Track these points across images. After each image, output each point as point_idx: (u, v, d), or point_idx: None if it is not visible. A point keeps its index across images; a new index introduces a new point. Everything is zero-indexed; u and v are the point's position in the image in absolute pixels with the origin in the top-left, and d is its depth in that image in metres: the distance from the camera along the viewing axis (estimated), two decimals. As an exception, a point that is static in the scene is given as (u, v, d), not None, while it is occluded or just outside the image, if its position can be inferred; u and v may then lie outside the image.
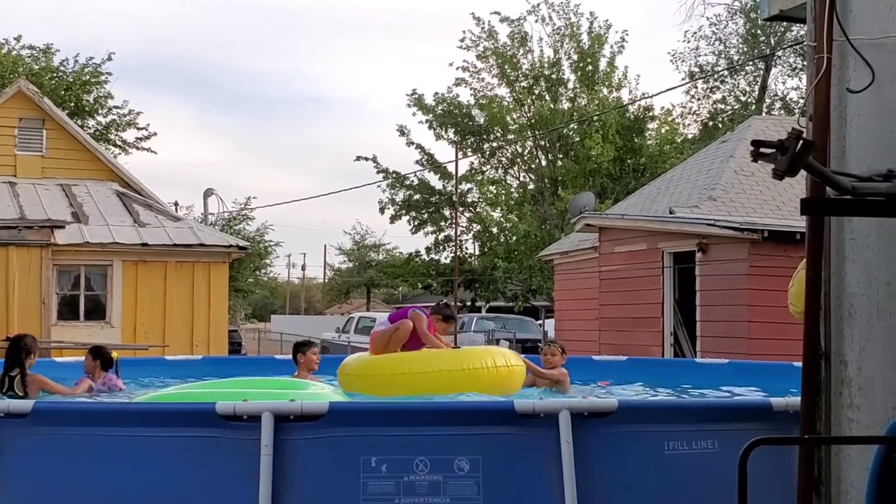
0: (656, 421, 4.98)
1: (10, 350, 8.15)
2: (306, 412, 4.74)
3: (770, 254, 15.71)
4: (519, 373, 8.56)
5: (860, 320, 3.83)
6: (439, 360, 8.37)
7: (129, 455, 4.75)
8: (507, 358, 8.53)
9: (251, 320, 78.08)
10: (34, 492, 4.77)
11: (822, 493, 3.98)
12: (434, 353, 8.63)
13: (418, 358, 8.48)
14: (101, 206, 20.51)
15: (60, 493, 4.74)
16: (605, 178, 37.48)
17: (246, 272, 44.79)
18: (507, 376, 8.32)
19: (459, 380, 8.02)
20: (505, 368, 8.31)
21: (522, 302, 40.96)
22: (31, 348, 8.16)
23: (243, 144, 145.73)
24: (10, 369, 8.02)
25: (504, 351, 9.01)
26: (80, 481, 4.74)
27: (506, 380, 8.30)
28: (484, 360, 8.26)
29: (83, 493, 4.72)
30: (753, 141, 2.85)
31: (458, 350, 8.94)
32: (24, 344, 8.14)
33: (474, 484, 4.66)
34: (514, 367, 8.48)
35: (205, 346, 18.80)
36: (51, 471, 4.78)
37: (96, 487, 4.72)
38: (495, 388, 8.00)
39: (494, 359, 8.33)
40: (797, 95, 41.07)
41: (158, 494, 4.69)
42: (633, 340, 18.52)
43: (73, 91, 34.78)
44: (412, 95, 41.22)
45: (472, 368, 8.15)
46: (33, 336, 8.59)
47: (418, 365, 8.30)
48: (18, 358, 8.04)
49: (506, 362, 8.38)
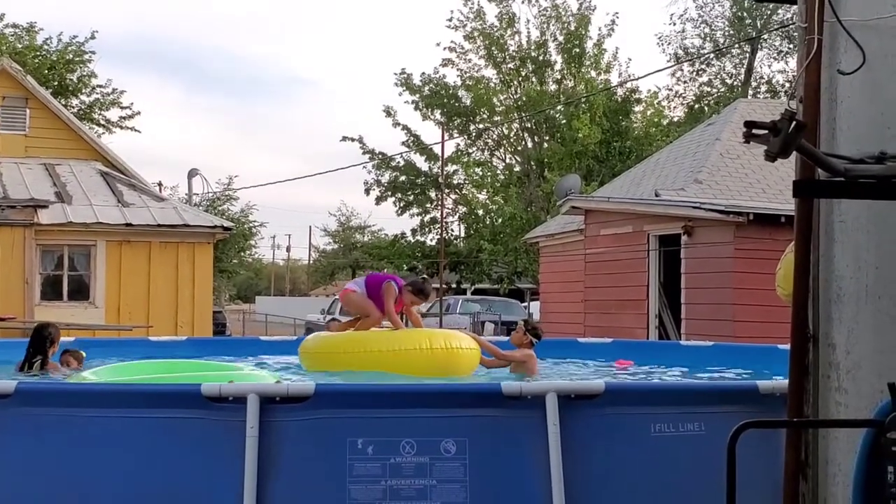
0: (643, 403, 4.97)
1: (34, 338, 8.26)
2: (292, 394, 4.72)
3: (755, 236, 15.76)
4: (467, 355, 8.42)
5: (848, 303, 3.82)
6: (376, 341, 8.43)
7: (113, 436, 4.72)
8: (452, 340, 8.40)
9: (236, 301, 77.99)
10: (18, 473, 4.73)
11: (810, 476, 3.98)
12: (374, 333, 8.74)
13: (363, 338, 8.56)
14: (85, 185, 20.39)
15: (44, 474, 4.70)
16: (592, 160, 37.49)
17: (230, 253, 44.62)
18: (445, 358, 8.20)
19: (392, 361, 8.03)
20: (442, 350, 8.21)
21: (508, 284, 41.02)
22: (54, 337, 8.25)
23: (228, 125, 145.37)
24: (32, 356, 8.09)
25: (455, 333, 8.86)
26: (63, 462, 4.70)
27: (446, 362, 8.19)
28: (422, 341, 8.22)
29: (67, 475, 4.68)
30: (746, 122, 2.83)
31: (401, 331, 8.84)
32: (48, 333, 8.22)
33: (461, 466, 4.65)
34: (457, 349, 8.33)
35: (189, 326, 18.75)
36: (34, 452, 4.74)
37: (80, 468, 4.69)
38: (433, 370, 7.94)
39: (433, 341, 8.26)
40: (783, 78, 41.16)
41: (143, 476, 4.66)
42: (618, 323, 18.56)
43: (57, 70, 34.47)
44: (400, 75, 41.09)
45: (406, 350, 8.14)
46: (56, 325, 8.59)
47: (361, 345, 8.37)
48: (42, 346, 8.15)
49: (446, 344, 8.26)
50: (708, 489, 4.08)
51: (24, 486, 4.70)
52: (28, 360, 8.13)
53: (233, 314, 49.81)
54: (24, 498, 4.67)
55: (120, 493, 4.63)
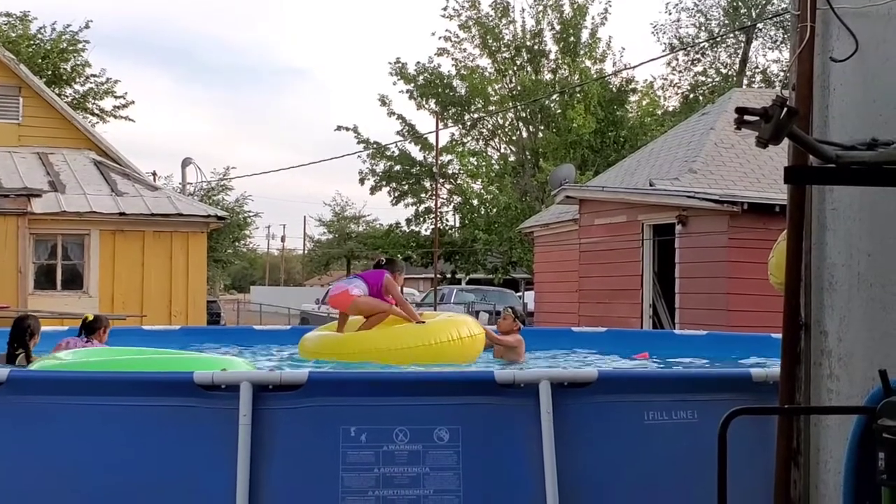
0: (636, 391, 4.98)
1: (14, 332, 8.21)
2: (285, 382, 4.72)
3: (749, 226, 15.76)
4: (480, 340, 8.93)
5: (841, 291, 3.83)
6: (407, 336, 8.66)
7: (105, 425, 4.72)
8: (470, 327, 8.86)
9: (230, 291, 77.95)
10: (8, 461, 4.72)
11: (801, 463, 3.99)
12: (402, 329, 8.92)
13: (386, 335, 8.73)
14: (79, 174, 20.34)
15: (35, 462, 4.70)
16: (586, 150, 37.45)
17: (225, 243, 44.59)
18: (470, 346, 8.73)
19: (426, 355, 8.33)
20: (469, 339, 8.71)
21: (502, 274, 41.00)
22: (34, 330, 8.19)
23: (223, 115, 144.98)
24: (14, 350, 8.07)
25: (466, 320, 9.25)
26: (55, 451, 4.70)
27: (469, 349, 8.70)
28: (450, 332, 8.59)
29: (59, 463, 4.68)
30: (737, 108, 2.82)
31: (424, 325, 9.05)
32: (27, 325, 8.16)
33: (454, 454, 4.65)
34: (477, 336, 8.84)
35: (183, 316, 18.74)
36: (26, 440, 4.73)
37: (72, 457, 4.68)
38: (460, 357, 8.46)
39: (460, 330, 8.68)
40: (778, 68, 41.15)
41: (135, 464, 4.66)
42: (612, 312, 18.57)
43: (51, 59, 34.38)
44: (395, 64, 41.01)
45: (440, 343, 8.47)
46: (35, 317, 8.58)
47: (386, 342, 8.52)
48: (22, 339, 8.08)
49: (469, 332, 8.75)
50: (701, 476, 4.09)
51: (14, 474, 4.70)
52: (10, 354, 8.08)
53: (227, 304, 49.76)
54: (15, 486, 4.67)
55: (112, 482, 4.62)
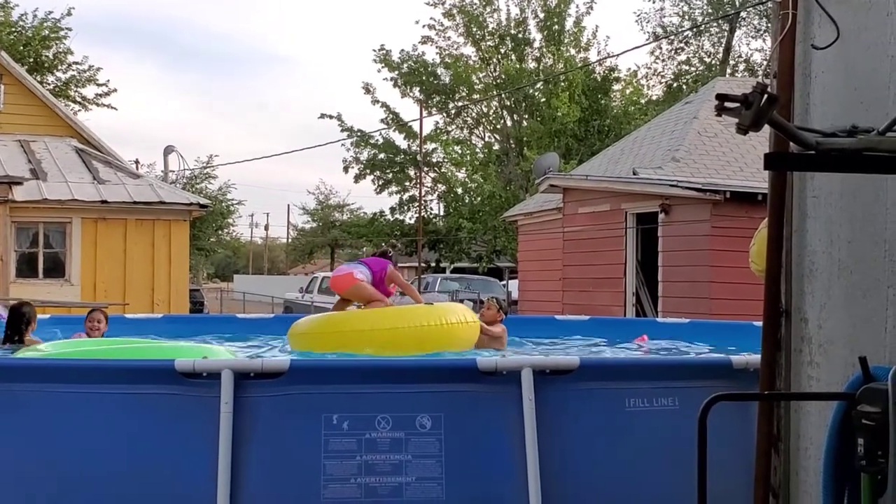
0: (617, 378, 4.99)
1: (11, 319, 8.32)
2: (267, 369, 4.70)
3: (732, 214, 15.81)
4: (476, 328, 8.91)
5: (821, 278, 3.84)
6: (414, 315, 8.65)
7: (86, 412, 4.69)
8: (465, 314, 8.83)
9: (214, 280, 77.71)
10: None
11: (781, 449, 4.01)
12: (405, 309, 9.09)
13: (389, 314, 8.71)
14: (60, 162, 20.22)
15: (15, 450, 4.67)
16: (570, 138, 37.49)
17: (208, 231, 44.46)
18: (467, 332, 8.69)
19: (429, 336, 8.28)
20: (468, 324, 8.69)
21: (487, 263, 41.03)
22: (30, 317, 8.32)
23: (206, 103, 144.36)
24: (10, 338, 8.11)
25: (459, 307, 9.19)
26: (36, 439, 4.67)
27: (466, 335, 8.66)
28: (450, 316, 8.55)
29: (39, 451, 4.66)
30: (718, 95, 2.82)
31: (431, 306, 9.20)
32: (24, 312, 8.29)
33: (436, 441, 4.66)
34: (472, 323, 8.83)
35: (166, 304, 18.69)
36: (7, 429, 4.71)
37: (54, 445, 4.66)
38: (455, 344, 8.39)
39: (462, 315, 8.68)
40: (761, 57, 41.22)
41: (117, 452, 4.64)
42: (595, 300, 18.62)
43: (32, 46, 34.16)
44: (379, 51, 40.92)
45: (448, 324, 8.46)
46: (31, 304, 8.62)
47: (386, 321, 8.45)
48: (18, 328, 8.21)
49: (466, 318, 8.73)
50: (682, 463, 4.10)
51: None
52: (8, 340, 8.16)
53: (211, 292, 49.62)
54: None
55: (93, 470, 4.61)
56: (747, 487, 4.09)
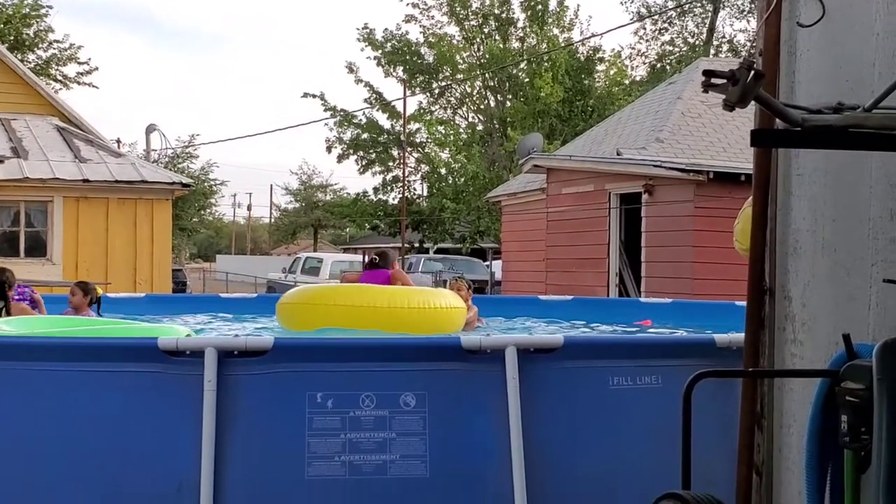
0: (601, 357, 4.99)
1: None
2: (250, 347, 4.68)
3: (715, 195, 15.85)
4: (462, 314, 8.85)
5: (805, 256, 3.84)
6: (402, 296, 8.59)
7: (68, 391, 4.66)
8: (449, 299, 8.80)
9: (196, 260, 77.50)
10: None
11: (765, 426, 4.03)
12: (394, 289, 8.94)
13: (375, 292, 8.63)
14: (41, 140, 20.07)
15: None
16: (554, 119, 37.47)
17: (191, 211, 44.32)
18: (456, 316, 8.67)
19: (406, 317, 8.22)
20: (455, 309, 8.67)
21: (470, 243, 41.04)
22: (11, 282, 8.42)
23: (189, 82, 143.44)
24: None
25: (445, 292, 9.20)
26: (17, 418, 4.64)
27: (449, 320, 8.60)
28: (438, 300, 8.54)
29: (21, 430, 4.63)
30: (705, 71, 2.81)
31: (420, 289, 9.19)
32: (4, 278, 8.34)
33: (420, 419, 4.66)
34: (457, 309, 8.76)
35: (148, 284, 18.62)
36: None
37: (35, 423, 4.63)
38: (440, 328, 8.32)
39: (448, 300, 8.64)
40: (745, 38, 41.26)
41: (99, 431, 4.62)
42: (578, 281, 18.66)
43: (13, 24, 33.90)
44: (363, 30, 40.73)
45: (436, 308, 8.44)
46: (10, 270, 8.67)
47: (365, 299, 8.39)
48: (3, 291, 8.25)
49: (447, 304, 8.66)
50: (666, 441, 4.11)
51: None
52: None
53: (193, 272, 49.48)
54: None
55: (72, 451, 4.58)
56: (731, 464, 4.11)
